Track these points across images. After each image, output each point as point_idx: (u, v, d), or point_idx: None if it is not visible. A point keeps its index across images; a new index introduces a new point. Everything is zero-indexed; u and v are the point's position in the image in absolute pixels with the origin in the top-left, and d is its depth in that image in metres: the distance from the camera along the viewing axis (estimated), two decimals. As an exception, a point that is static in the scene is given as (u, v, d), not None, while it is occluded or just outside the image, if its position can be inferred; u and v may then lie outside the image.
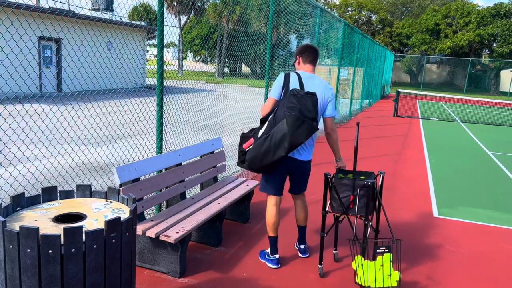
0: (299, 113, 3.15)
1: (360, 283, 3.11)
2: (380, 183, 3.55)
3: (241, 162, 3.52)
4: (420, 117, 16.65)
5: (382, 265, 3.08)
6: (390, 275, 3.05)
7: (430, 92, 20.80)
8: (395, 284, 3.04)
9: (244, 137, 3.52)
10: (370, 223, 3.40)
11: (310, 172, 3.73)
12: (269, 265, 3.71)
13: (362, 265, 3.13)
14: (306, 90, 3.44)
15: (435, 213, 5.37)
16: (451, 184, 6.86)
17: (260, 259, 3.81)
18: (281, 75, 3.49)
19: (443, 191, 6.43)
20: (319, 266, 3.60)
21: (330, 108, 3.53)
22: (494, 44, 39.62)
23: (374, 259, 3.14)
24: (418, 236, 4.59)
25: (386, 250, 3.10)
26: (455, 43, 38.61)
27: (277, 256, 3.71)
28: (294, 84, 3.44)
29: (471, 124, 15.47)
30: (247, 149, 3.45)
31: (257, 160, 3.27)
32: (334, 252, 3.90)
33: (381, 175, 3.53)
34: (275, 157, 3.21)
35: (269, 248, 3.81)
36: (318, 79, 3.54)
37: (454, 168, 8.02)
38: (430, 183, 6.83)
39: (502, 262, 4.10)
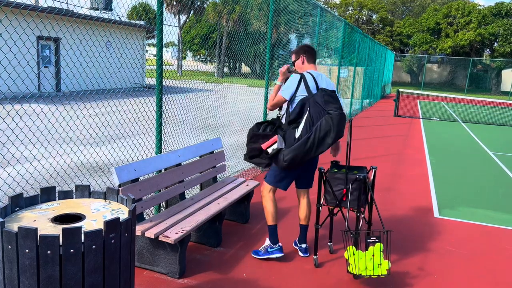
0: (340, 110, 3.40)
1: (352, 271, 3.24)
2: (372, 178, 3.67)
3: (249, 157, 3.67)
4: (420, 117, 16.65)
5: (373, 255, 3.20)
6: (381, 264, 3.17)
7: (431, 92, 20.81)
8: (385, 272, 3.16)
9: (257, 136, 3.61)
10: (362, 215, 3.54)
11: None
12: (275, 255, 3.77)
13: (354, 254, 3.26)
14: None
15: (436, 214, 5.38)
16: (451, 184, 6.87)
17: (260, 257, 3.81)
18: (297, 76, 3.60)
19: (444, 191, 6.43)
20: (314, 257, 3.75)
21: None
22: (495, 43, 39.63)
23: (366, 249, 3.26)
24: (418, 236, 4.60)
25: (376, 240, 3.23)
26: (456, 42, 38.62)
27: (280, 244, 3.80)
28: (311, 83, 3.58)
29: (472, 124, 15.47)
30: (267, 148, 3.53)
31: (299, 159, 3.40)
32: (329, 244, 4.07)
33: (373, 169, 3.65)
34: (317, 153, 3.40)
35: (267, 242, 3.83)
36: (325, 76, 3.74)
37: (455, 168, 8.02)
38: (431, 183, 6.83)
39: (503, 263, 4.11)
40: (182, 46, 44.59)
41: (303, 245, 3.97)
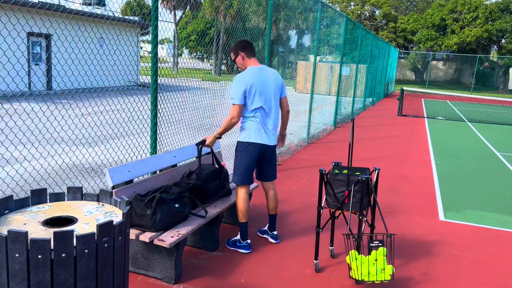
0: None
1: (354, 277, 3.25)
2: (375, 179, 3.68)
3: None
4: (425, 116, 16.68)
5: (376, 260, 3.21)
6: (384, 269, 3.18)
7: (436, 90, 20.85)
8: (388, 277, 3.17)
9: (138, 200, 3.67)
10: (365, 218, 3.54)
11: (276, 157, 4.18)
12: (242, 250, 4.00)
13: (356, 259, 3.27)
14: (261, 81, 3.83)
15: (441, 217, 5.39)
16: (457, 186, 6.88)
17: (230, 248, 4.05)
18: (241, 78, 3.80)
19: (450, 193, 6.44)
20: (315, 262, 3.76)
21: (284, 90, 4.08)
22: (503, 40, 39.68)
23: (369, 253, 3.27)
24: (422, 240, 4.60)
25: (379, 244, 3.24)
26: (462, 39, 38.67)
27: (248, 241, 4.05)
28: (255, 82, 3.78)
29: (479, 123, 15.50)
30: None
31: None
32: (330, 248, 4.08)
33: (376, 171, 3.66)
34: None
35: (238, 236, 4.07)
36: (268, 69, 3.96)
37: (461, 169, 8.04)
38: (436, 185, 6.84)
39: (511, 268, 4.11)
40: (178, 43, 44.59)
41: (275, 232, 4.28)
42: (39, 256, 1.93)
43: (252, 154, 3.89)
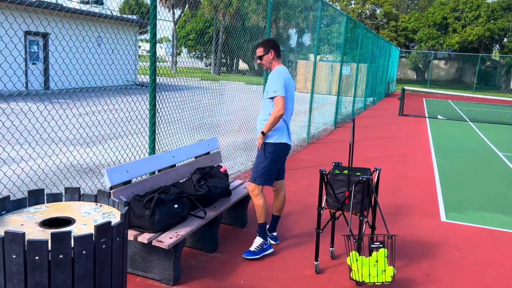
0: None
1: (354, 278, 3.26)
2: (376, 180, 3.68)
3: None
4: (427, 116, 16.68)
5: (377, 261, 3.22)
6: (385, 270, 3.19)
7: (437, 90, 20.85)
8: (389, 279, 3.18)
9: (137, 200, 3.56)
10: (366, 219, 3.55)
11: None
12: (269, 251, 4.01)
13: (356, 260, 3.27)
14: (289, 81, 3.93)
15: (443, 217, 5.39)
16: (459, 186, 6.88)
17: (258, 256, 3.92)
18: (279, 72, 3.87)
19: (451, 194, 6.45)
20: (315, 263, 3.76)
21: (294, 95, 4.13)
22: (505, 39, 39.70)
23: (369, 254, 3.28)
24: (424, 241, 4.60)
25: (380, 245, 3.25)
26: (464, 38, 38.67)
27: (268, 239, 4.12)
28: (287, 81, 3.88)
29: (481, 123, 15.50)
30: None
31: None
32: (331, 249, 4.08)
33: (377, 171, 3.66)
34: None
35: (259, 240, 3.98)
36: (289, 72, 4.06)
37: (463, 170, 8.04)
38: (438, 185, 6.84)
39: (513, 268, 4.12)
40: (177, 42, 44.59)
41: (274, 233, 4.30)
42: (37, 257, 1.93)
43: (282, 155, 3.95)
